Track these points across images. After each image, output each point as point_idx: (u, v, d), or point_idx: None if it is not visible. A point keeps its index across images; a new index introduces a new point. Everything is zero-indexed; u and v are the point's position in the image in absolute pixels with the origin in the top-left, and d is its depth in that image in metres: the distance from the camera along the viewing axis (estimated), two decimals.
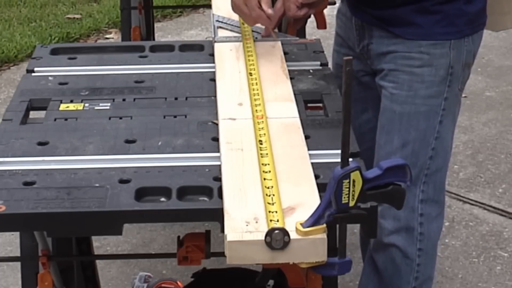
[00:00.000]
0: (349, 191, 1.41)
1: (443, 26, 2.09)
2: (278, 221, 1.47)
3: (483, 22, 2.17)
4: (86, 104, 2.00)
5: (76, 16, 5.64)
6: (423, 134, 2.13)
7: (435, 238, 2.25)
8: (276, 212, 1.50)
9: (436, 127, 2.13)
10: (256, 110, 1.87)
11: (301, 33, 3.33)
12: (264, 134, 1.77)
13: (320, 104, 2.03)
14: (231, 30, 2.31)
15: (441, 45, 2.10)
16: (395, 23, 2.10)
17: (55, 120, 1.93)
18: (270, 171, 1.63)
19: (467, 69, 2.16)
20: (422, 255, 2.21)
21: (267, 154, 1.69)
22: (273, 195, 1.55)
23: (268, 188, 1.57)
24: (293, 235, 1.45)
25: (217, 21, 2.37)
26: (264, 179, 1.60)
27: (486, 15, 2.18)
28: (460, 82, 2.16)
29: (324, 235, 1.45)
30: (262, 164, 1.66)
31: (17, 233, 2.17)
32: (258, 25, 2.28)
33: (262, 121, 1.82)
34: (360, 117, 2.30)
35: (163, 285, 2.01)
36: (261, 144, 1.73)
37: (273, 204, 1.52)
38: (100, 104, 2.00)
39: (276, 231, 1.44)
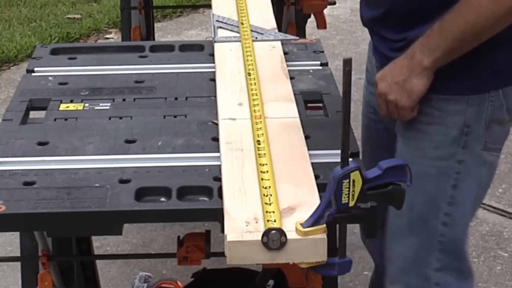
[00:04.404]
0: (349, 191, 1.41)
1: (460, 79, 1.80)
2: (275, 221, 1.47)
3: None
4: (86, 104, 2.00)
5: (76, 16, 5.64)
6: (431, 198, 1.90)
7: None
8: (274, 212, 1.50)
9: (449, 192, 1.88)
10: (255, 110, 1.86)
11: (301, 33, 3.34)
12: (262, 134, 1.76)
13: (320, 104, 2.03)
14: (231, 30, 2.31)
15: (455, 100, 1.82)
16: None
17: (55, 120, 1.93)
18: (267, 171, 1.62)
19: (497, 125, 1.85)
20: None
21: (265, 154, 1.69)
22: (271, 195, 1.55)
23: (265, 188, 1.57)
24: (293, 235, 1.45)
25: (217, 21, 2.37)
26: (262, 179, 1.60)
27: None
28: (484, 142, 1.86)
29: (324, 235, 1.45)
30: (260, 164, 1.65)
31: (17, 233, 2.17)
32: (258, 24, 2.28)
33: (260, 121, 1.82)
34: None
35: (163, 285, 2.01)
36: (259, 144, 1.73)
37: (270, 204, 1.52)
38: (100, 104, 2.00)
39: (273, 231, 1.43)
